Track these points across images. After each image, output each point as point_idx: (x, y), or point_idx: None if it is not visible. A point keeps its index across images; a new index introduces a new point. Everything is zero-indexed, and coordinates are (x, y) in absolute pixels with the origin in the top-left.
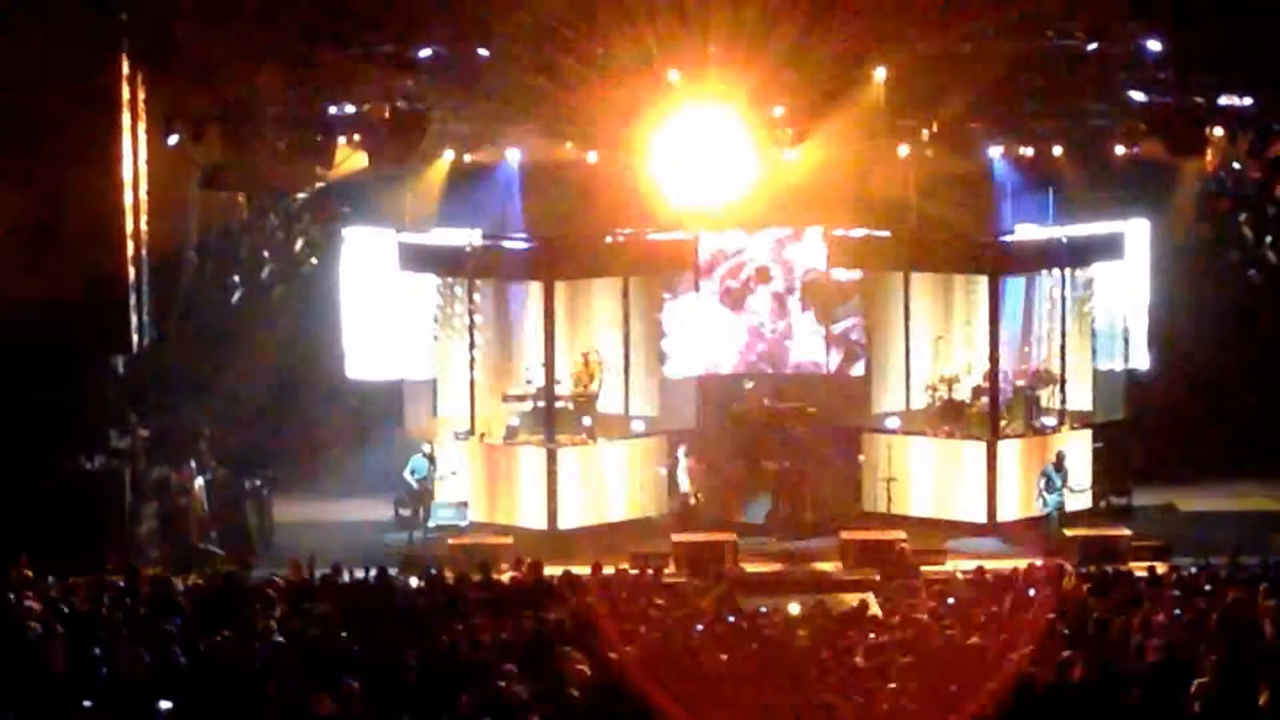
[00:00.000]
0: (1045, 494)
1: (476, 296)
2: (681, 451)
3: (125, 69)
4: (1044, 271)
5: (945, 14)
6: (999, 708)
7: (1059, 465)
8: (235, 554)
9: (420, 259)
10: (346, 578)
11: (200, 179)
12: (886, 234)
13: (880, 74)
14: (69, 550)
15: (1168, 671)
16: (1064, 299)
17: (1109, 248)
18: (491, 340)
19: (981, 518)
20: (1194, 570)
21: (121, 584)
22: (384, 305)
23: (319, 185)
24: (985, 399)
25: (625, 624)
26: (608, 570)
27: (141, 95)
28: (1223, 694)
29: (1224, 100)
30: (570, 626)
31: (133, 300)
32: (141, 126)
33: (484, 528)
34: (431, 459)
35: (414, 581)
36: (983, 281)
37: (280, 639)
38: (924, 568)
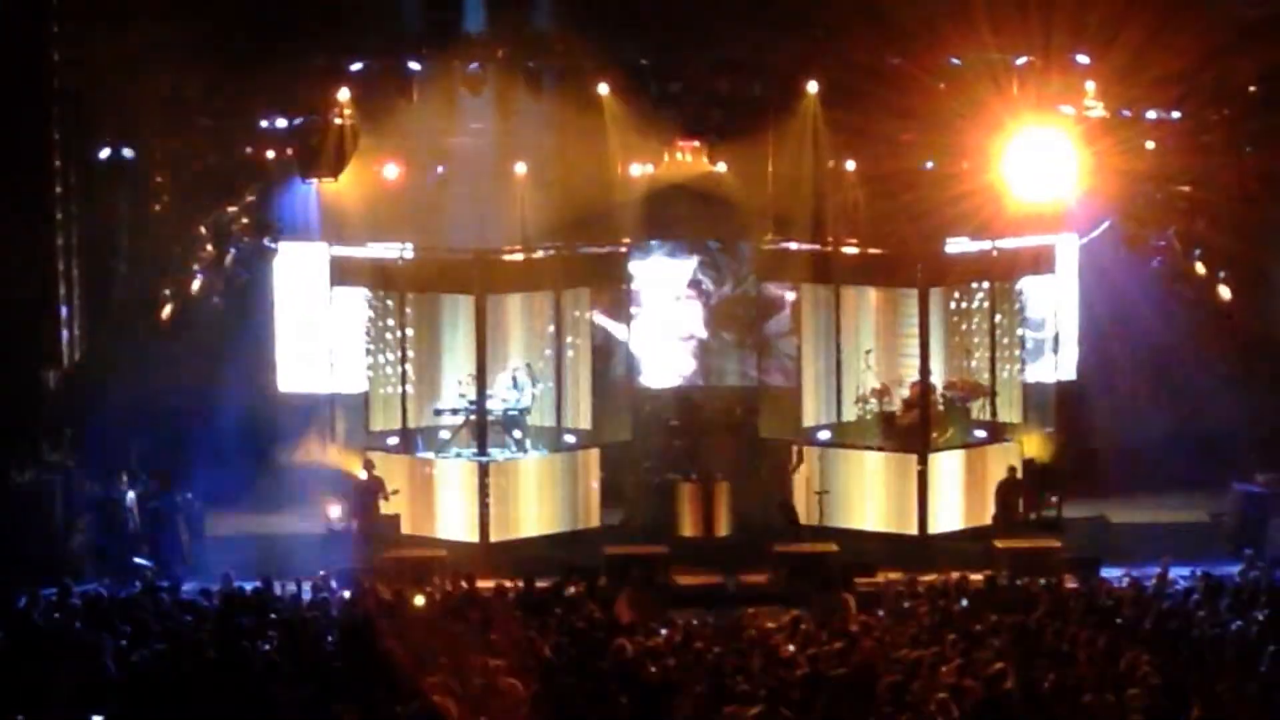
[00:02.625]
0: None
1: (408, 310)
2: None
3: (56, 83)
4: (974, 284)
5: (880, 28)
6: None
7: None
8: (167, 568)
9: (351, 272)
10: (279, 590)
11: (131, 192)
12: (816, 247)
13: (813, 87)
14: (1, 564)
15: (1099, 683)
16: (994, 311)
17: (1039, 260)
18: (424, 353)
19: (913, 530)
20: (1124, 582)
21: (54, 598)
22: (316, 319)
23: (250, 198)
24: (916, 411)
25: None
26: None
27: (72, 108)
28: (1156, 706)
29: (1152, 114)
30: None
31: (63, 314)
32: (72, 140)
33: (416, 540)
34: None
35: (345, 594)
36: (913, 294)
37: (212, 653)
38: (856, 579)
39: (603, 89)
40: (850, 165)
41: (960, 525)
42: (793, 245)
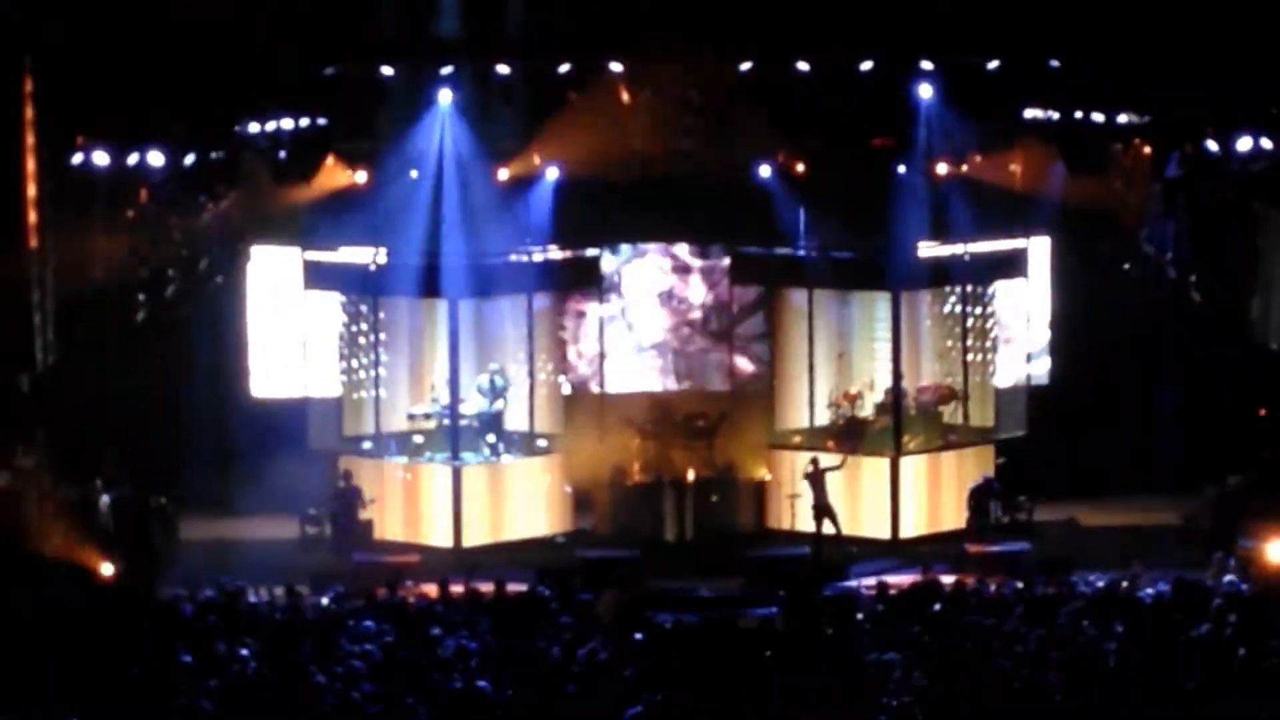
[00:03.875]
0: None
1: (381, 314)
2: None
3: (28, 87)
4: (946, 288)
5: (842, 29)
6: None
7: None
8: (141, 572)
9: (325, 277)
10: (253, 596)
11: (105, 196)
12: (789, 251)
13: (775, 93)
14: None
15: (1076, 687)
16: (966, 315)
17: (1011, 264)
18: (397, 358)
19: (885, 534)
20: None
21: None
22: (290, 323)
23: (223, 203)
24: (888, 415)
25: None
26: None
27: (44, 114)
28: None
29: (1123, 118)
30: None
31: (37, 319)
32: (45, 145)
33: (389, 545)
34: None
35: (323, 600)
36: (885, 298)
37: (187, 657)
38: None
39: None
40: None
41: (933, 529)
42: (765, 249)
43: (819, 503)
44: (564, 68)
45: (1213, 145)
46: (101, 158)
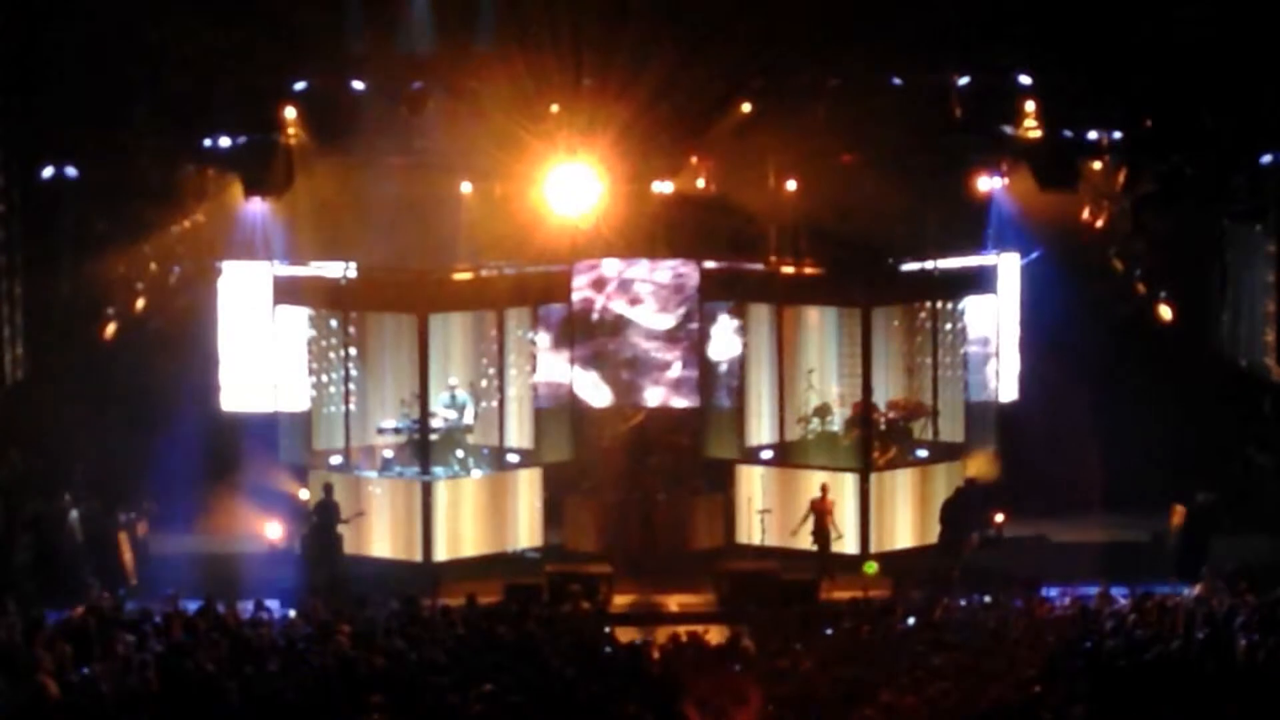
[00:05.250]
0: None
1: (351, 329)
2: None
3: None
4: (916, 304)
5: (816, 48)
6: None
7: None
8: (110, 587)
9: (294, 292)
10: (223, 609)
11: (74, 210)
12: (759, 266)
13: (747, 107)
14: None
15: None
16: (935, 331)
17: (980, 280)
18: (368, 372)
19: (855, 549)
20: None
21: None
22: (259, 338)
23: (195, 217)
24: (858, 430)
25: None
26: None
27: (14, 126)
28: None
29: (1093, 135)
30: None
31: (5, 333)
32: (14, 158)
33: (358, 561)
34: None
35: (291, 613)
36: (855, 314)
37: (152, 672)
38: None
39: (554, 108)
40: (791, 185)
41: (903, 544)
42: (735, 265)
43: (821, 529)
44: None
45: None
46: (70, 172)
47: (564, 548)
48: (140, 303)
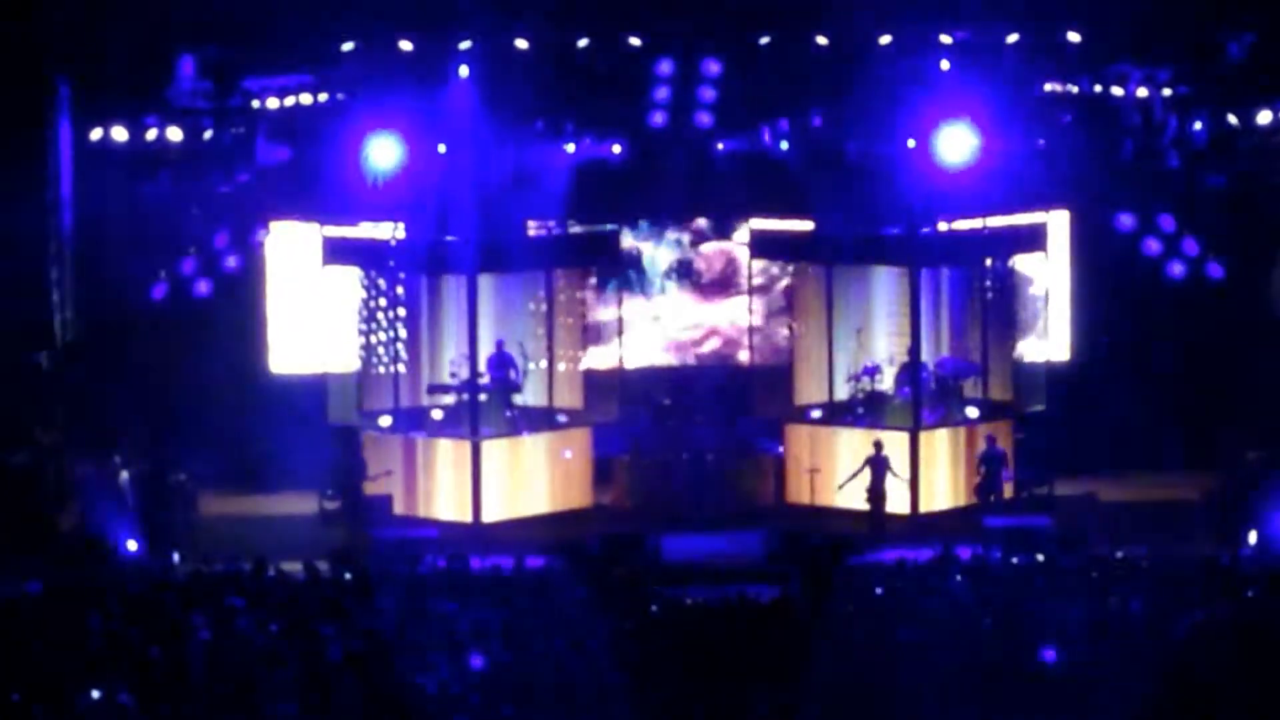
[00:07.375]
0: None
1: (399, 290)
2: None
3: (47, 64)
4: (965, 263)
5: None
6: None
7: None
8: (161, 549)
9: (344, 252)
10: (273, 572)
11: (123, 173)
12: (809, 226)
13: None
14: None
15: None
16: (985, 290)
17: (1030, 239)
18: (416, 332)
19: (905, 508)
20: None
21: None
22: (308, 298)
23: (243, 178)
24: (907, 390)
25: None
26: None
27: (63, 90)
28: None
29: (1142, 92)
30: None
31: (55, 296)
32: (64, 121)
33: (408, 521)
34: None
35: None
36: (904, 273)
37: (206, 633)
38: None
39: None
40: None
41: (952, 503)
42: (784, 225)
43: (876, 487)
44: (583, 41)
45: (1233, 119)
46: (120, 134)
47: (613, 508)
48: (190, 263)
